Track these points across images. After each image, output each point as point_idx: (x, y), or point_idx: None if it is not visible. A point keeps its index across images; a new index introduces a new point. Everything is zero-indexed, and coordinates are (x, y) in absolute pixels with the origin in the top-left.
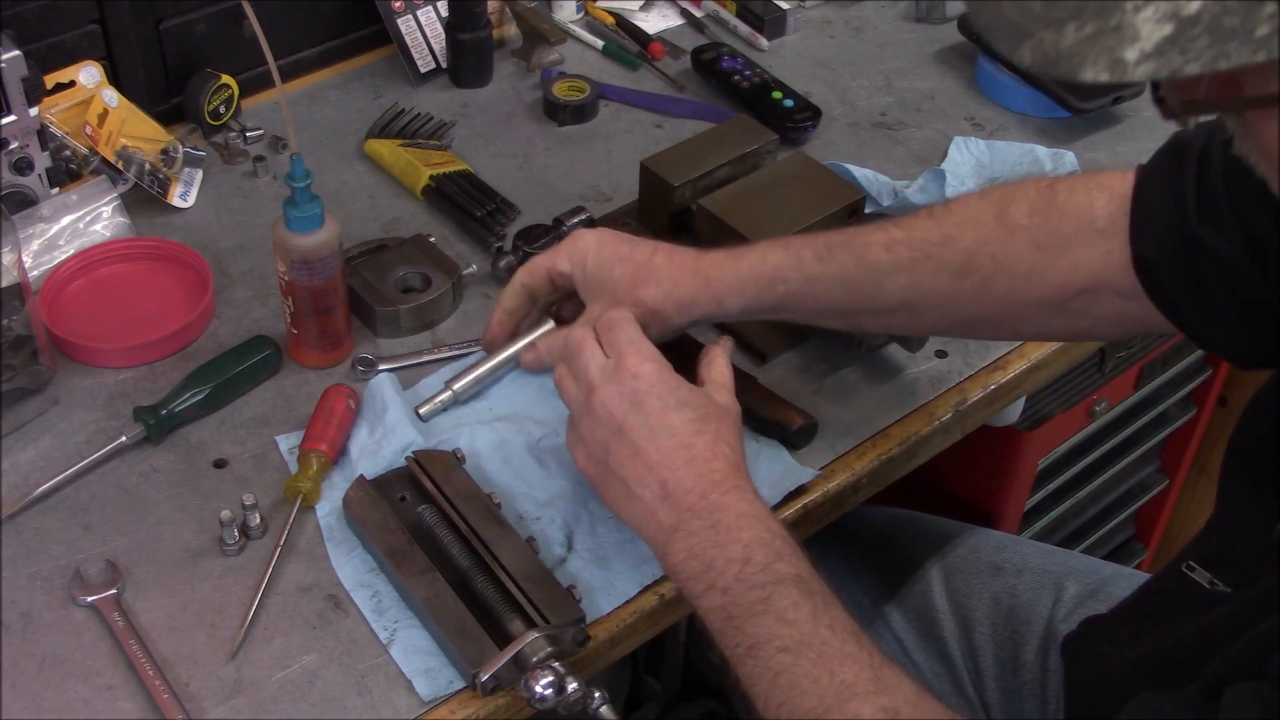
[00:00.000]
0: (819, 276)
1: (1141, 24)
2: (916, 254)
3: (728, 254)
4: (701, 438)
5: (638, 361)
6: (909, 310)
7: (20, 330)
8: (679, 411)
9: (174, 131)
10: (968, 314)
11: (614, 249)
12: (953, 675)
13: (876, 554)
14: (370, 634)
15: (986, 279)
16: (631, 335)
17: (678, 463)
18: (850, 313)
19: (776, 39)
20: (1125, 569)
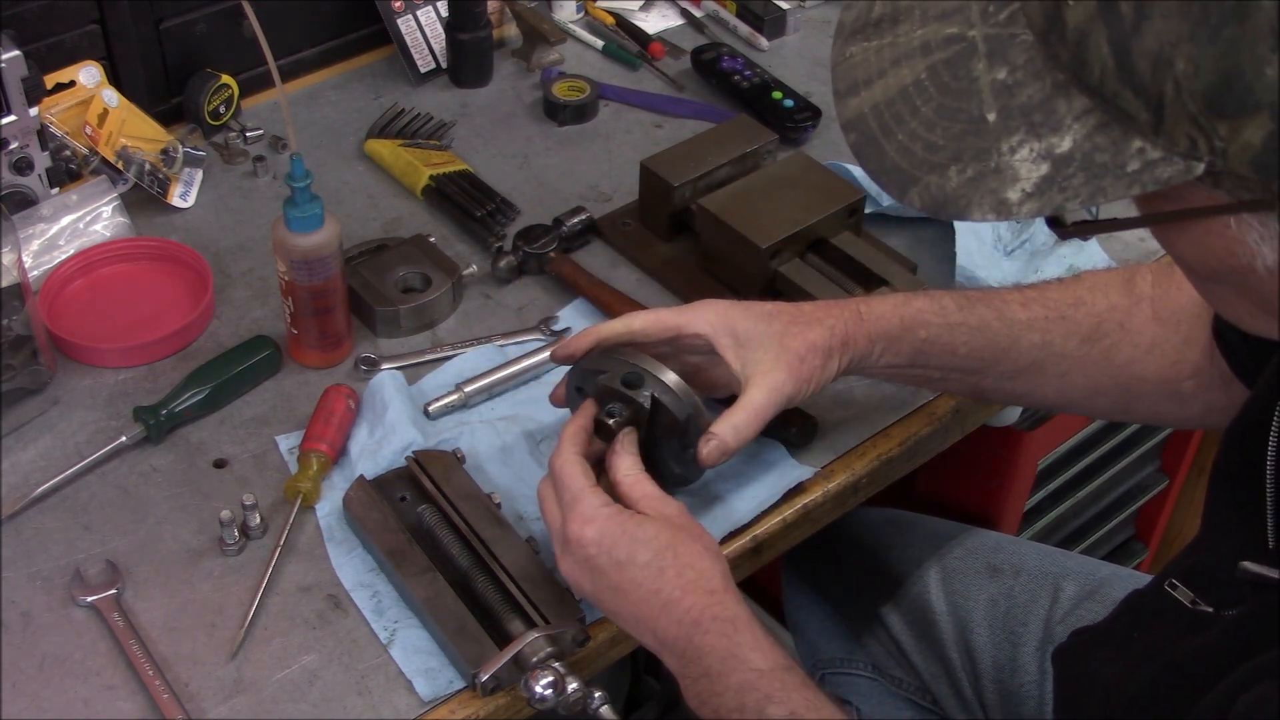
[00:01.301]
0: (959, 324)
1: (1019, 164)
2: (1051, 313)
3: (872, 297)
4: (665, 576)
5: (579, 527)
6: (1037, 372)
7: (20, 330)
8: (633, 562)
9: (174, 131)
10: (1090, 383)
11: (759, 309)
12: (951, 676)
13: (874, 555)
14: (370, 634)
15: (1112, 347)
16: (573, 491)
17: (655, 612)
18: (982, 370)
19: (776, 39)
20: (1123, 570)
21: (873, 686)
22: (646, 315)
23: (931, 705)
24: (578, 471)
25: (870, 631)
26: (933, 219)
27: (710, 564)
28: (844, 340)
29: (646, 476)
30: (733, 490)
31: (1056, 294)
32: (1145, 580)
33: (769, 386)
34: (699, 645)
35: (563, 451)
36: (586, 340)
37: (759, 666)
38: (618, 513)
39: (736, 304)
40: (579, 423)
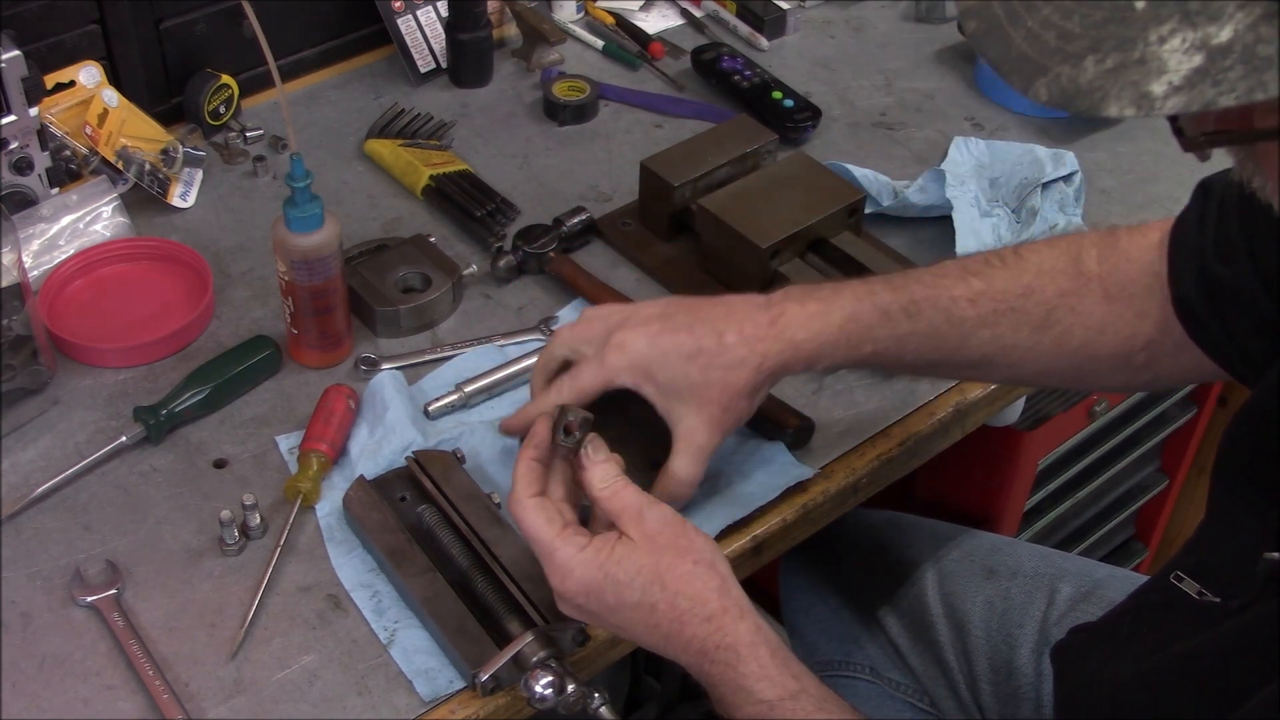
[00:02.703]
0: (909, 335)
1: (1168, 55)
2: (1000, 307)
3: (807, 308)
4: (658, 612)
5: (560, 582)
6: (988, 364)
7: (20, 330)
8: (623, 604)
9: (174, 131)
10: (1043, 367)
11: (679, 348)
12: (948, 679)
13: (871, 558)
14: (370, 634)
15: (1064, 333)
16: (543, 545)
17: (662, 643)
18: (929, 366)
19: (776, 39)
20: (1120, 570)
21: (870, 689)
22: (568, 389)
23: (930, 708)
24: (540, 519)
25: (868, 634)
26: (932, 218)
27: (702, 585)
28: (773, 372)
29: (624, 483)
30: (732, 489)
31: (1004, 283)
32: (1142, 580)
33: (694, 449)
34: (709, 674)
35: (519, 498)
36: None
37: (767, 698)
38: (595, 553)
39: (651, 343)
40: (529, 454)
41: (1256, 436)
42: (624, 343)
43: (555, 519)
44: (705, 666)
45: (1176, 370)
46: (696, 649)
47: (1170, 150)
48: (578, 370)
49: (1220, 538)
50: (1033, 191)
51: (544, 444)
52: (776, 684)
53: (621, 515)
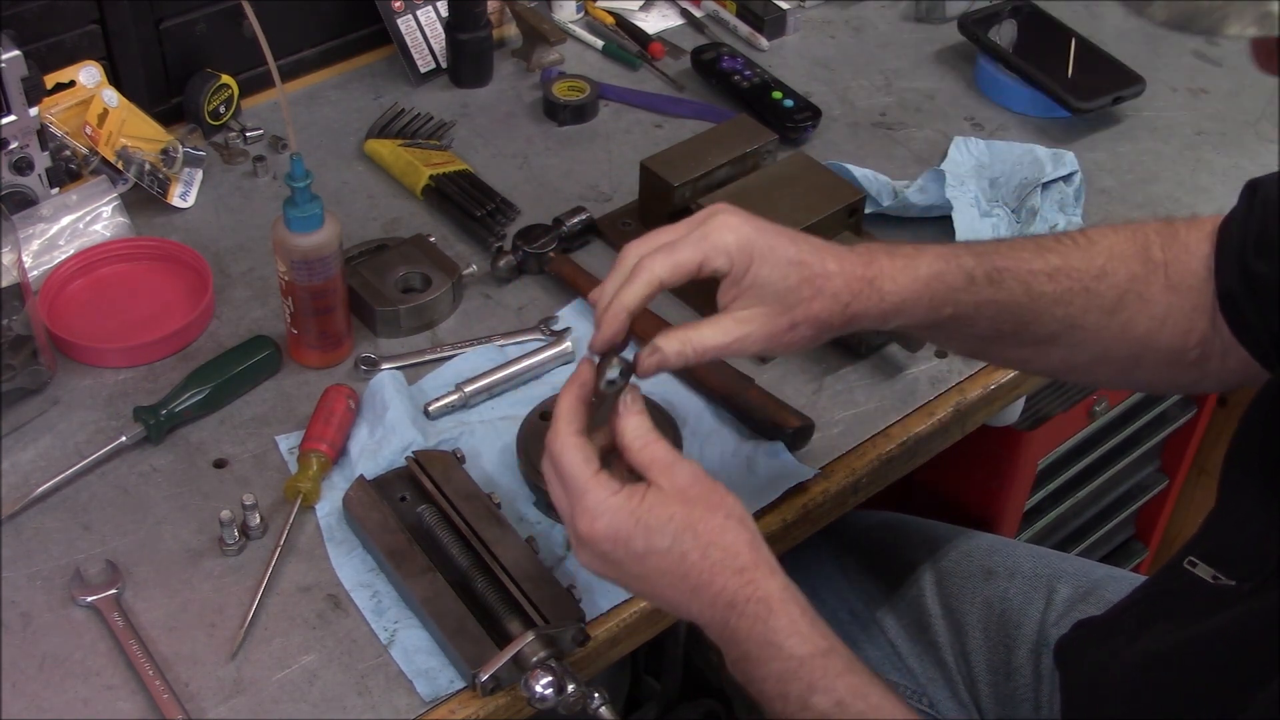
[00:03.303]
0: (988, 303)
1: None
2: (1075, 286)
3: (896, 262)
4: (688, 561)
5: (589, 524)
6: (1051, 343)
7: (20, 330)
8: (652, 550)
9: (174, 131)
10: (1103, 352)
11: (784, 249)
12: (947, 680)
13: (870, 559)
14: (370, 634)
15: (1130, 319)
16: (576, 482)
17: (686, 597)
18: (995, 339)
19: (776, 39)
20: (1117, 570)
21: None
22: (666, 263)
23: (929, 708)
24: (578, 458)
25: (866, 634)
26: (932, 218)
27: (734, 536)
28: (850, 318)
29: (656, 436)
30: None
31: (1079, 262)
32: (1140, 580)
33: (738, 337)
34: (735, 628)
35: (559, 434)
36: (618, 319)
37: (798, 653)
38: (626, 499)
39: (760, 232)
40: (573, 393)
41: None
42: (730, 224)
43: (592, 460)
44: (732, 620)
45: (1223, 372)
46: (725, 601)
47: (1170, 150)
48: (674, 246)
49: (1234, 523)
50: (1033, 191)
51: (589, 384)
52: (807, 640)
53: (651, 467)
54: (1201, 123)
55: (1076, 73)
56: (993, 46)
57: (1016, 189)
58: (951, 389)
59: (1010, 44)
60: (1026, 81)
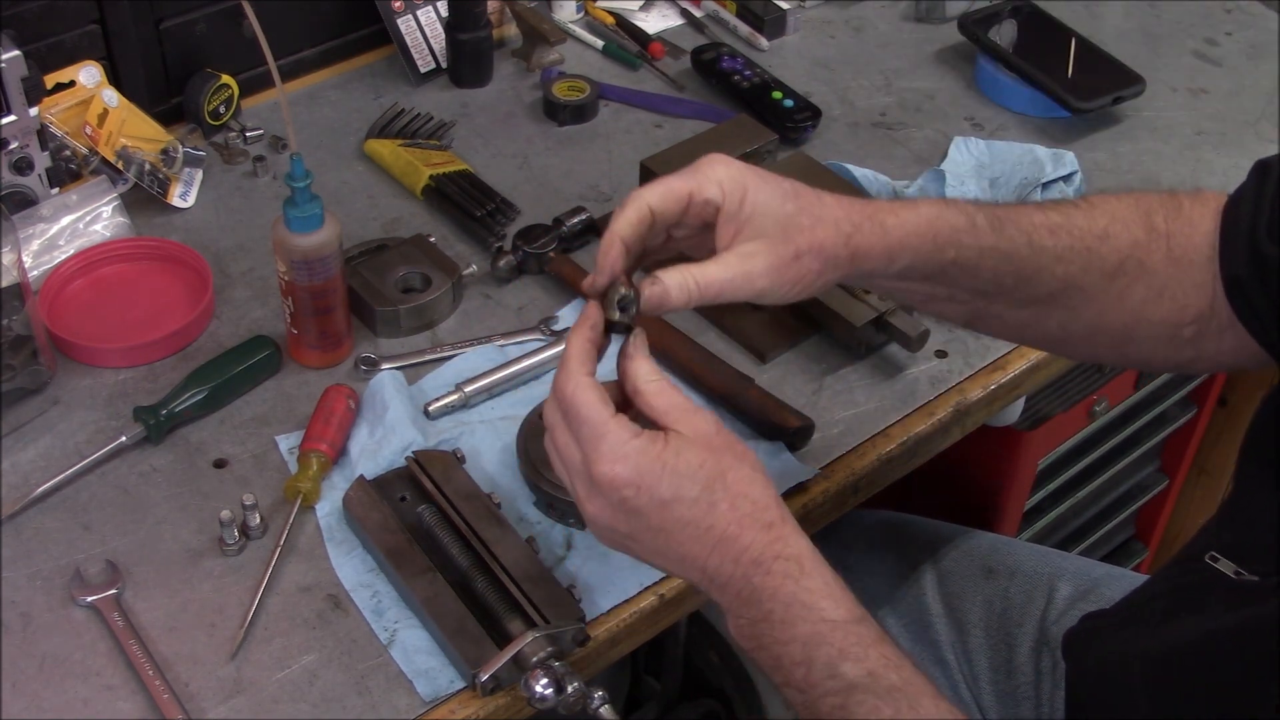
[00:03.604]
0: (990, 249)
1: None
2: (1077, 244)
3: (894, 203)
4: (717, 511)
5: (609, 467)
6: (1050, 303)
7: (20, 330)
8: (679, 499)
9: (174, 131)
10: (1098, 320)
11: (777, 182)
12: (949, 679)
13: (871, 558)
14: (370, 634)
15: (1128, 286)
16: (594, 425)
17: (706, 551)
18: (995, 295)
19: (776, 39)
20: (1117, 569)
21: None
22: (656, 189)
23: None
24: (594, 399)
25: None
26: None
27: (762, 490)
28: (855, 253)
29: (670, 382)
30: None
31: (1082, 223)
32: (1141, 580)
33: (742, 271)
34: (759, 586)
35: (572, 374)
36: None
37: (832, 618)
38: (650, 443)
39: (751, 168)
40: (584, 334)
41: None
42: (721, 160)
43: (609, 401)
44: (756, 578)
45: (1218, 352)
46: (751, 558)
47: (1170, 150)
48: (664, 178)
49: (1253, 517)
50: (1032, 191)
51: (600, 324)
52: (842, 604)
53: (670, 412)
54: (1201, 123)
55: (1076, 73)
56: (993, 46)
57: (1016, 189)
58: (951, 389)
59: (1010, 44)
60: (1026, 81)
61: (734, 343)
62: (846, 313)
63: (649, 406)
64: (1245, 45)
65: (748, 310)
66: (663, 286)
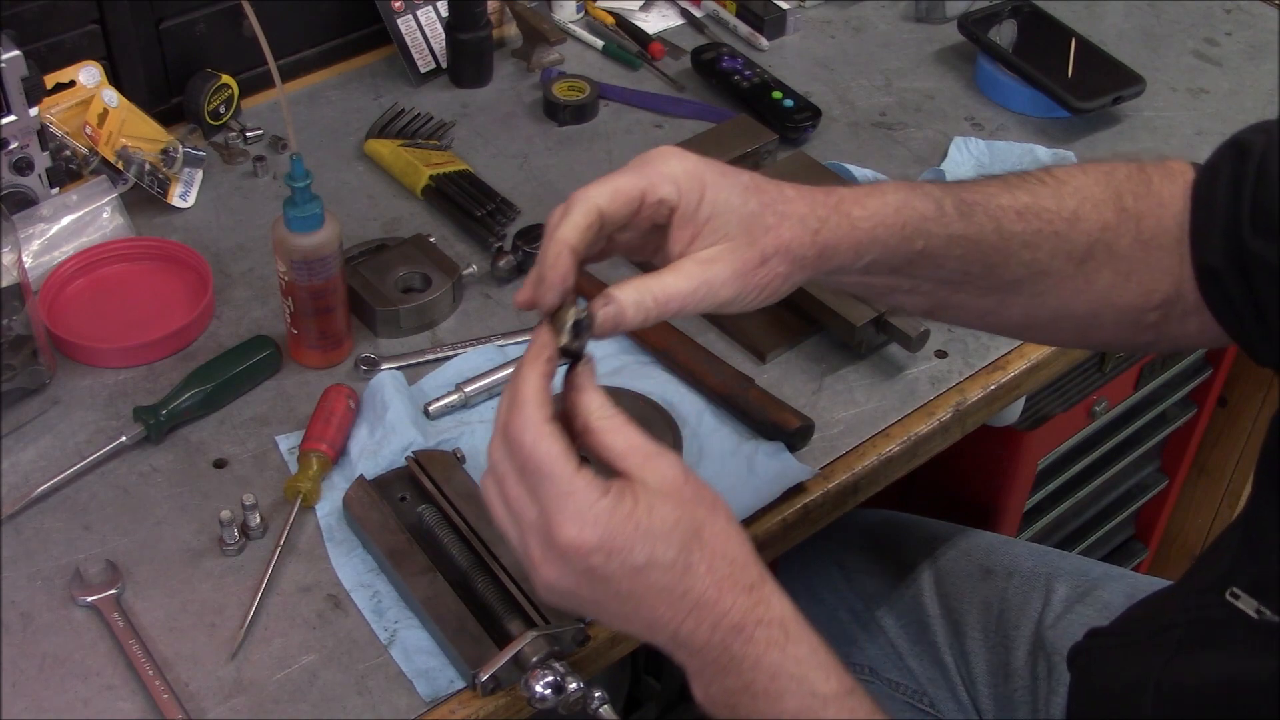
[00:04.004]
0: (959, 237)
1: None
2: (1045, 228)
3: (859, 190)
4: (695, 574)
5: (576, 532)
6: (1015, 290)
7: (20, 330)
8: (654, 564)
9: (174, 131)
10: (1062, 306)
11: (736, 176)
12: (947, 681)
13: (869, 558)
14: (370, 634)
15: (1096, 270)
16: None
17: (681, 616)
18: (960, 283)
19: (776, 39)
20: (1116, 569)
21: (871, 689)
22: (604, 189)
23: (930, 709)
24: (558, 452)
25: (867, 634)
26: None
27: (739, 546)
28: (823, 250)
29: (626, 418)
30: (732, 490)
31: (1051, 204)
32: (1138, 579)
33: (704, 280)
34: (740, 654)
35: (530, 422)
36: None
37: (823, 691)
38: (619, 501)
39: (707, 162)
40: (539, 368)
41: None
42: (674, 153)
43: (572, 453)
44: (737, 646)
45: (1180, 336)
46: (731, 624)
47: (1170, 150)
48: (612, 175)
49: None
50: None
51: (555, 355)
52: (832, 674)
53: (628, 455)
54: (1201, 123)
55: (1076, 73)
56: (993, 46)
57: None
58: (951, 389)
59: (1010, 44)
60: (1026, 81)
61: (734, 343)
62: (846, 313)
63: (604, 447)
64: (1245, 45)
65: None
66: (617, 306)
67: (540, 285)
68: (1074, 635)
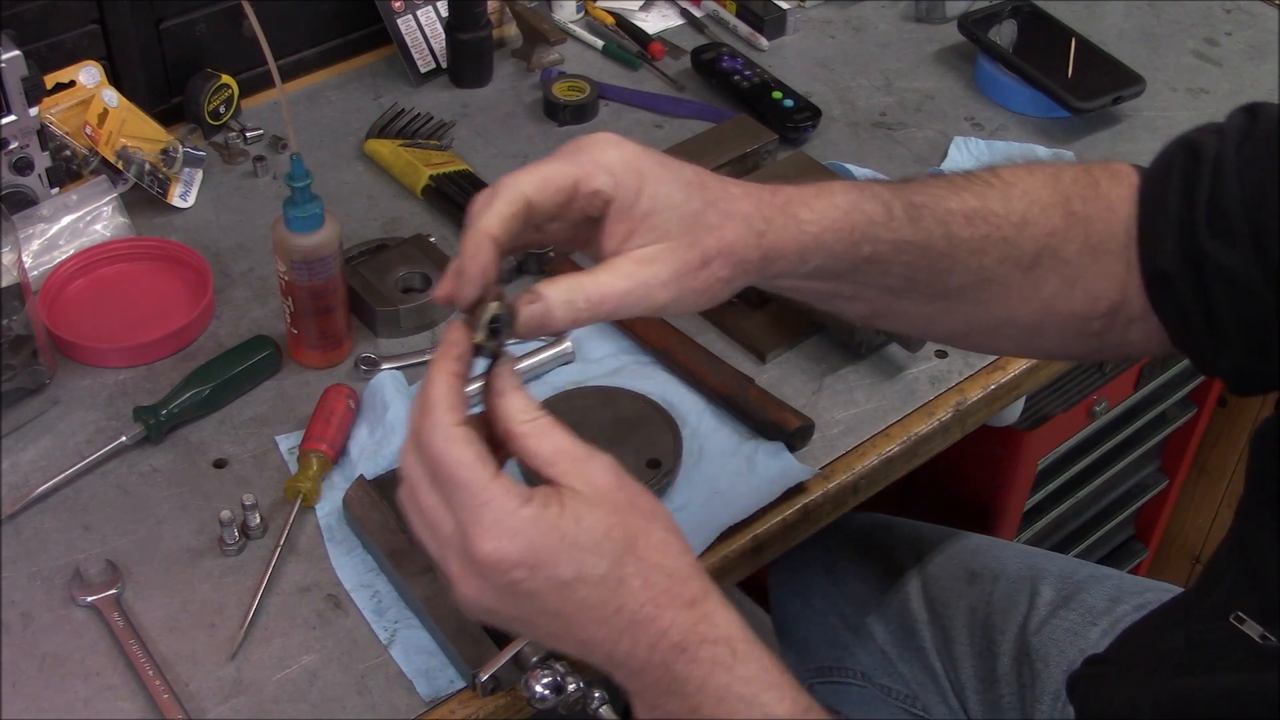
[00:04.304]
0: (906, 243)
1: None
2: (993, 234)
3: (806, 190)
4: (628, 589)
5: (494, 545)
6: (959, 298)
7: (20, 330)
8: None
9: (174, 131)
10: (1006, 314)
11: (678, 169)
12: (937, 686)
13: (858, 562)
14: (370, 634)
15: (1042, 278)
16: (472, 489)
17: (615, 635)
18: (905, 291)
19: (776, 39)
20: (1102, 569)
21: (863, 693)
22: (532, 176)
23: (922, 712)
24: (471, 457)
25: (857, 639)
26: None
27: (678, 556)
28: (767, 254)
29: (553, 420)
30: (733, 489)
31: (999, 208)
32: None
33: (640, 281)
34: (684, 676)
35: (439, 424)
36: (481, 249)
37: (777, 714)
38: (543, 510)
39: (648, 152)
40: (448, 368)
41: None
42: (610, 140)
43: (487, 458)
44: (680, 666)
45: (1122, 344)
46: (672, 643)
47: None
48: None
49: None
50: None
51: (467, 353)
52: (786, 694)
53: (557, 460)
54: (1201, 123)
55: (1076, 73)
56: (993, 46)
57: None
58: (951, 389)
59: (1010, 44)
60: (1026, 81)
61: (734, 343)
62: None
63: (529, 453)
64: (1245, 45)
65: (747, 309)
66: (544, 304)
67: (459, 278)
68: (1057, 641)
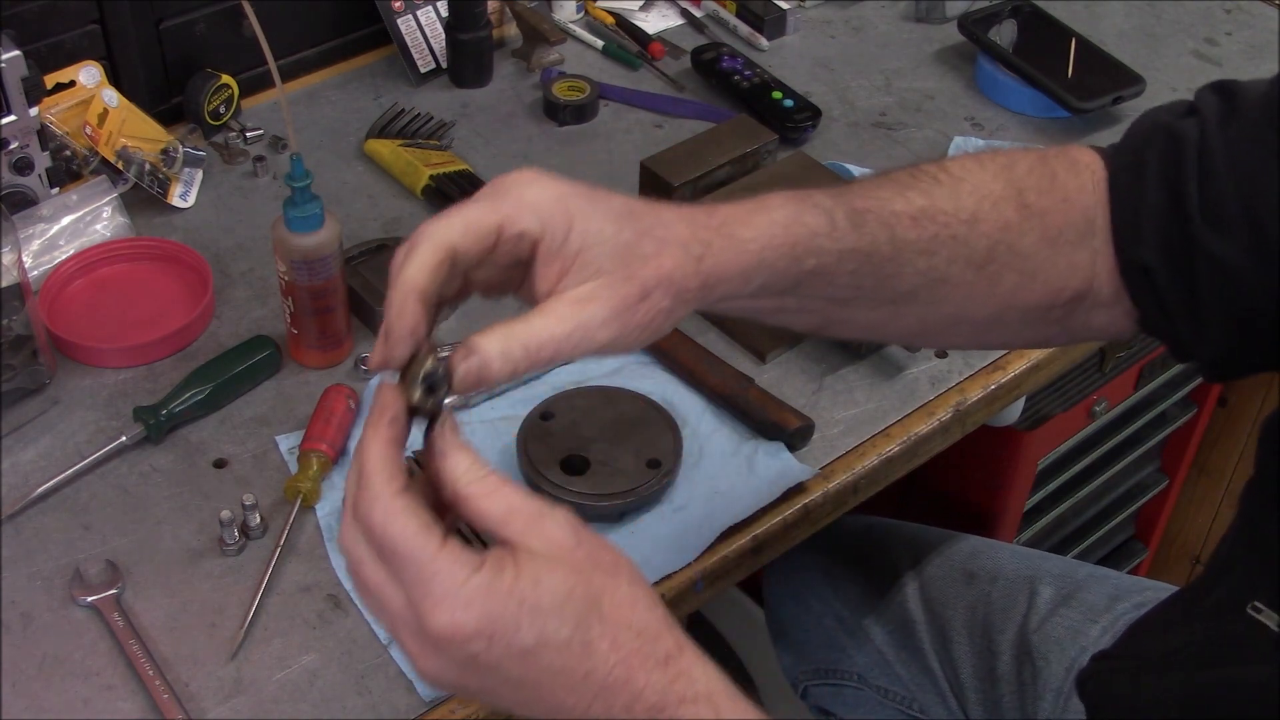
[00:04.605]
0: (850, 251)
1: None
2: (942, 233)
3: (742, 207)
4: (595, 652)
5: (448, 617)
6: (909, 300)
7: (20, 330)
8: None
9: (174, 131)
10: (959, 311)
11: (606, 201)
12: (935, 687)
13: (855, 565)
14: (370, 634)
15: (998, 273)
16: (419, 563)
17: (587, 700)
18: (851, 300)
19: (776, 39)
20: (1100, 570)
21: (860, 695)
22: (455, 224)
23: (920, 714)
24: (414, 528)
25: (854, 641)
26: None
27: (646, 611)
28: (708, 279)
29: (501, 478)
30: (733, 490)
31: (947, 205)
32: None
33: (578, 324)
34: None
35: (378, 497)
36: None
37: None
38: (496, 576)
39: (573, 186)
40: (383, 434)
41: None
42: (533, 178)
43: (433, 527)
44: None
45: (1084, 328)
46: (649, 704)
47: None
48: (464, 205)
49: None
50: None
51: (402, 416)
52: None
53: (510, 520)
54: None
55: (1076, 73)
56: (993, 46)
57: None
58: (951, 389)
59: (1010, 44)
60: (1026, 81)
61: (734, 343)
62: None
63: (480, 514)
64: (1245, 45)
65: None
66: (480, 358)
67: (388, 340)
68: (1058, 639)
